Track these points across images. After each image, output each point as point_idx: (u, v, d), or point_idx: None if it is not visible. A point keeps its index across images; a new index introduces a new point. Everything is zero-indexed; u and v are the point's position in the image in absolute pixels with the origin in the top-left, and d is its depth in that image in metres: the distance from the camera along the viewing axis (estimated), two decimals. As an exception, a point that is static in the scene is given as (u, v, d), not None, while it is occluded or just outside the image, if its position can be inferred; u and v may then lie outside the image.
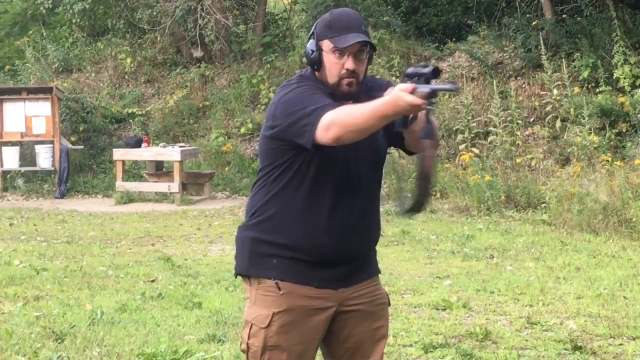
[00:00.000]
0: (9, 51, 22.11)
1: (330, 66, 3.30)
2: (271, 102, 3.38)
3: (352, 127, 3.07)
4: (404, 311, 7.21)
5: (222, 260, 9.74)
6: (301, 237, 3.32)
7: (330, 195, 3.30)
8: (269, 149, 3.39)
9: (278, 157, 3.34)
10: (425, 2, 20.18)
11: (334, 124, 3.07)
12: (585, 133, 13.49)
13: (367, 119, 3.04)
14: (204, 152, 17.29)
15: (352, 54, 3.27)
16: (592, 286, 8.02)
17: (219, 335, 6.37)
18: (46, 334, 6.39)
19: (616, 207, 10.87)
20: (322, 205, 3.31)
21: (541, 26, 16.43)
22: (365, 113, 3.05)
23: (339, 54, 3.27)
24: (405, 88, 2.99)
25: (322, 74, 3.33)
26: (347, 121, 3.07)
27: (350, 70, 3.28)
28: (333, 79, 3.30)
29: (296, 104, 3.21)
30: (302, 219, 3.32)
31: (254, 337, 3.34)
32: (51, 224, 12.82)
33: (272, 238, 3.35)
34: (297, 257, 3.33)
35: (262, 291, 3.36)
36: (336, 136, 3.08)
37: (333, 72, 3.30)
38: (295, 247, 3.32)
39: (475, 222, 12.08)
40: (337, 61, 3.28)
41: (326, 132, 3.09)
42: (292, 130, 3.20)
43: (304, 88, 3.27)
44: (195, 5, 19.01)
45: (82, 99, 18.77)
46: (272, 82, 18.47)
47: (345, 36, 3.26)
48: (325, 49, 3.30)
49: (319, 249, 3.33)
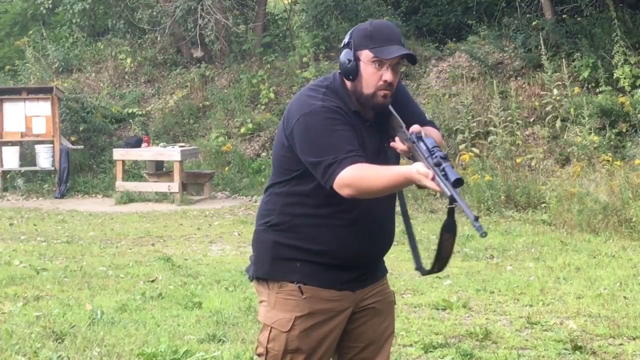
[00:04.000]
0: (9, 51, 22.11)
1: (367, 77, 3.27)
2: (291, 108, 3.33)
3: (367, 191, 3.14)
4: (404, 311, 7.21)
5: (222, 261, 9.74)
6: (327, 242, 3.32)
7: (354, 200, 3.27)
8: (285, 156, 3.37)
9: (296, 167, 3.33)
10: (426, 2, 20.20)
11: (350, 185, 3.12)
12: (585, 133, 13.48)
13: (382, 187, 3.11)
14: (204, 152, 17.29)
15: (391, 65, 3.26)
16: (592, 286, 8.02)
17: (219, 335, 6.37)
18: (46, 334, 6.39)
19: (616, 207, 10.87)
20: (347, 210, 3.31)
21: (541, 26, 16.43)
22: (380, 181, 3.10)
23: (378, 65, 3.25)
24: (425, 173, 3.00)
25: (357, 84, 3.30)
26: (363, 186, 3.12)
27: (388, 82, 3.26)
28: (369, 89, 3.28)
29: (317, 142, 3.20)
30: (328, 224, 3.32)
31: (273, 341, 3.34)
32: (51, 224, 12.81)
33: (296, 242, 3.34)
34: (320, 261, 3.33)
35: (283, 295, 3.35)
36: (350, 195, 3.15)
37: (370, 83, 3.27)
38: (320, 252, 3.32)
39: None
40: (375, 72, 3.26)
41: (341, 190, 3.14)
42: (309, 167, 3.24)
43: (329, 118, 3.23)
44: (195, 5, 19.01)
45: (82, 99, 18.76)
46: (272, 82, 18.48)
47: (388, 48, 3.24)
48: (363, 59, 3.27)
49: (344, 253, 3.34)
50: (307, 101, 3.30)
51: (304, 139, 3.22)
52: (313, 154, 3.18)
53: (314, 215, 3.32)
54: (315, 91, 3.33)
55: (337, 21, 19.02)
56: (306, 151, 3.21)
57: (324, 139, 3.18)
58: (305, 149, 3.22)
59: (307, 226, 3.33)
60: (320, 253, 3.33)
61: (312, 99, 3.29)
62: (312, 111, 3.24)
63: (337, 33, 18.70)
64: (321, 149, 3.17)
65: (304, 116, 3.24)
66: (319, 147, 3.17)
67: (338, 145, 3.16)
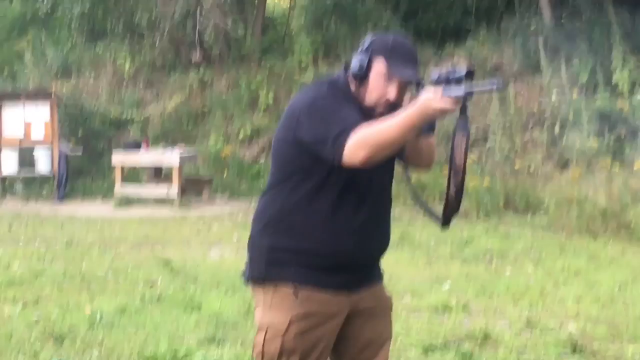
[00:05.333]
0: (8, 55, 22.09)
1: (373, 88, 3.25)
2: (295, 104, 3.31)
3: (382, 144, 3.01)
4: (404, 314, 7.20)
5: (221, 264, 9.74)
6: (324, 243, 3.30)
7: (352, 200, 3.28)
8: (287, 154, 3.33)
9: (297, 164, 3.29)
10: (425, 5, 20.22)
11: (363, 146, 3.01)
12: (584, 137, 13.49)
13: (396, 134, 2.99)
14: (202, 157, 17.29)
15: (399, 85, 3.24)
16: (591, 289, 8.02)
17: (218, 338, 6.36)
18: (46, 337, 6.38)
19: (615, 211, 10.88)
20: (345, 211, 3.29)
21: (540, 30, 16.45)
22: (392, 128, 2.99)
23: (387, 80, 3.23)
24: (432, 96, 2.94)
25: (362, 90, 3.28)
26: (376, 140, 3.01)
27: (391, 102, 3.25)
28: (371, 101, 3.26)
29: (322, 119, 3.15)
30: (325, 225, 3.29)
31: (269, 343, 3.33)
32: (50, 229, 12.80)
33: (292, 244, 3.32)
34: (316, 263, 3.31)
35: (278, 297, 3.33)
36: (367, 158, 3.02)
37: (373, 96, 3.25)
38: (317, 253, 3.30)
39: (474, 226, 12.08)
40: (382, 86, 3.24)
41: (355, 156, 3.03)
42: (316, 148, 3.17)
43: (333, 99, 3.22)
44: (194, 9, 19.02)
45: (81, 103, 18.77)
46: (271, 87, 18.48)
47: (404, 68, 3.22)
48: (376, 69, 3.24)
49: (341, 255, 3.32)
50: (310, 91, 3.31)
51: (310, 120, 3.19)
52: (319, 132, 3.14)
53: (310, 215, 3.30)
54: (318, 84, 3.36)
55: (336, 25, 19.03)
56: (312, 131, 3.17)
57: (329, 115, 3.15)
58: (311, 130, 3.18)
59: (305, 228, 3.31)
60: (317, 254, 3.31)
61: (315, 90, 3.31)
62: (317, 95, 3.24)
63: (336, 37, 18.72)
64: (327, 123, 3.13)
65: (308, 102, 3.24)
66: (325, 123, 3.14)
67: (344, 117, 3.13)
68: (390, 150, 3.06)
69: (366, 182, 3.30)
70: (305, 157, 3.25)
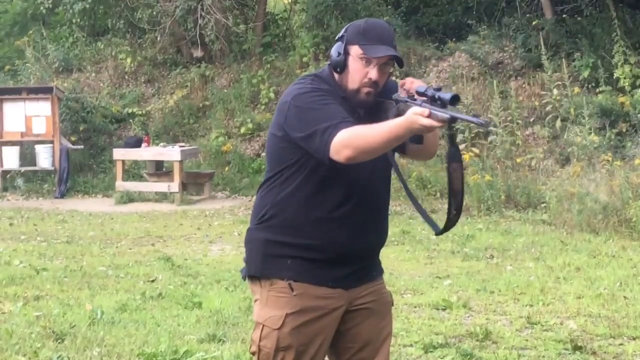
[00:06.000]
0: (9, 51, 22.09)
1: (354, 72, 3.31)
2: (283, 99, 3.36)
3: (366, 149, 3.08)
4: (404, 311, 7.21)
5: (222, 260, 9.75)
6: (319, 236, 3.32)
7: (346, 193, 3.31)
8: (279, 148, 3.37)
9: (289, 157, 3.33)
10: (426, 2, 20.19)
11: (348, 145, 3.08)
12: (585, 133, 13.48)
13: (381, 141, 3.06)
14: (204, 152, 17.29)
15: (378, 65, 3.29)
16: (592, 286, 8.02)
17: (219, 335, 6.37)
18: (46, 334, 6.38)
19: (616, 207, 10.87)
20: (339, 204, 3.32)
21: (541, 26, 16.44)
22: (379, 135, 3.05)
23: (365, 62, 3.29)
24: (420, 112, 2.97)
25: (344, 77, 3.34)
26: (361, 143, 3.08)
27: (373, 81, 3.29)
28: (354, 85, 3.31)
29: (310, 116, 3.21)
30: (319, 218, 3.31)
31: (265, 339, 3.33)
32: (51, 224, 12.81)
33: (287, 238, 3.34)
34: (312, 257, 3.33)
35: (274, 292, 3.35)
36: (349, 157, 3.09)
37: (355, 79, 3.31)
38: (312, 246, 3.32)
39: (475, 222, 12.07)
40: (362, 69, 3.29)
41: (339, 153, 3.10)
42: (305, 143, 3.22)
43: (319, 95, 3.27)
44: (195, 5, 18.99)
45: (82, 98, 18.75)
46: (272, 82, 18.47)
47: (377, 47, 3.28)
48: (352, 54, 3.31)
49: (336, 248, 3.33)
50: (296, 87, 3.35)
51: (298, 117, 3.24)
52: (308, 127, 3.19)
53: (306, 210, 3.32)
54: (303, 79, 3.40)
55: (337, 21, 18.98)
56: (301, 127, 3.22)
57: (316, 112, 3.21)
58: (300, 126, 3.23)
59: (299, 221, 3.33)
60: (311, 248, 3.32)
61: (300, 85, 3.35)
62: (302, 91, 3.30)
63: (337, 33, 18.62)
64: (315, 120, 3.18)
65: (295, 97, 3.29)
66: (313, 119, 3.19)
67: (332, 113, 3.19)
68: (373, 155, 3.14)
69: (359, 175, 3.32)
70: (296, 151, 3.29)
